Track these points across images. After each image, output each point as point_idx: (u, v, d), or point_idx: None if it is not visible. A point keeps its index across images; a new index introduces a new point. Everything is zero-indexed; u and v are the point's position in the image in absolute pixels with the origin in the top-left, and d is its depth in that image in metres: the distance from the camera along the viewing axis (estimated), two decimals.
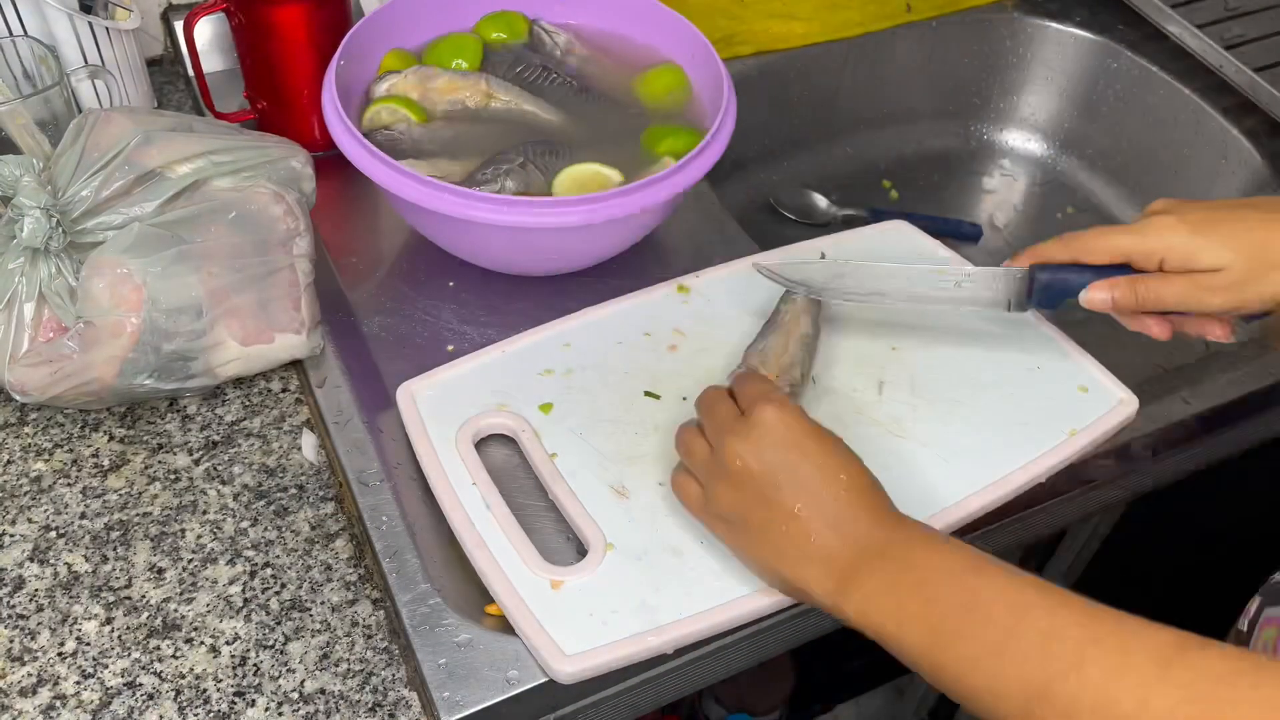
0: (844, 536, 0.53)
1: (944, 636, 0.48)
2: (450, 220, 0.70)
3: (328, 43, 0.79)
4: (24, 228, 0.63)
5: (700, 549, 0.61)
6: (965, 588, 0.49)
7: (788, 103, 1.07)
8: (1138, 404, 0.70)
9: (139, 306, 0.63)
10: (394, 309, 0.76)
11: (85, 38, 0.80)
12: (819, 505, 0.54)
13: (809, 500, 0.54)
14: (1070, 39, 1.10)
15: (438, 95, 0.80)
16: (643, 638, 0.57)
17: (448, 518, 0.62)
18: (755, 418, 0.56)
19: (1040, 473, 0.66)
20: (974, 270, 0.69)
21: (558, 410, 0.68)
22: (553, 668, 0.56)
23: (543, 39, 0.86)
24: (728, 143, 0.74)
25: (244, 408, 0.72)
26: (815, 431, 0.57)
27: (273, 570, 0.64)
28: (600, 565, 0.60)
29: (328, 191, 0.83)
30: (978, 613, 0.48)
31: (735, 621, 0.59)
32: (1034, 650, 0.46)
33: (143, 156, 0.65)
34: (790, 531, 0.54)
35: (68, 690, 0.58)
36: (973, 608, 0.48)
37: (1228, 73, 1.02)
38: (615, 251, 0.78)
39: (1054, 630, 0.46)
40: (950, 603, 0.49)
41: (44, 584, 0.62)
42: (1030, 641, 0.46)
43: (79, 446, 0.69)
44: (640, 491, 0.64)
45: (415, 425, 0.67)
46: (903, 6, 1.09)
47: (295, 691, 0.59)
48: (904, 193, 1.12)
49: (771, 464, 0.55)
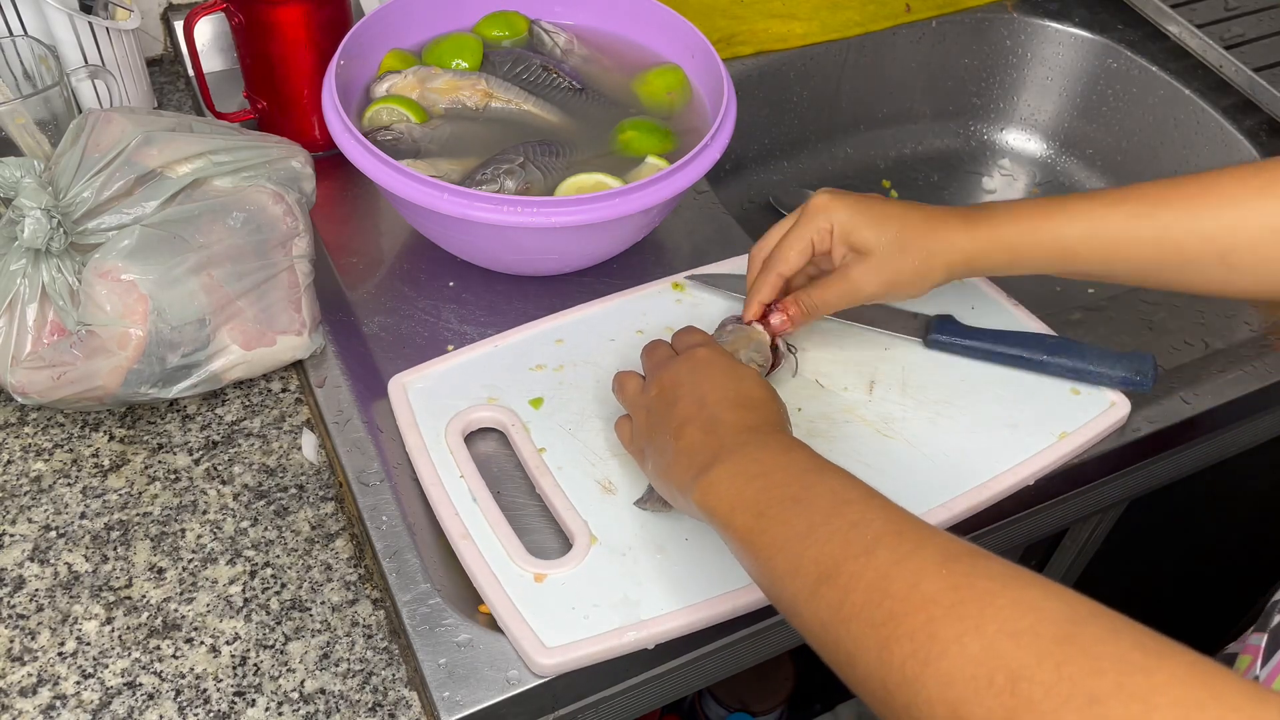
0: (711, 437, 0.56)
1: (765, 520, 0.50)
2: (450, 220, 0.70)
3: (328, 43, 0.79)
4: (25, 229, 0.63)
5: (684, 546, 0.61)
6: (800, 482, 0.51)
7: (788, 103, 1.07)
8: (1130, 407, 0.70)
9: (144, 318, 0.63)
10: (394, 309, 0.76)
11: (85, 38, 0.80)
12: (702, 414, 0.57)
13: (697, 410, 0.57)
14: (1070, 39, 1.10)
15: (437, 95, 0.80)
16: (623, 632, 0.58)
17: (434, 510, 0.63)
18: (685, 355, 0.61)
19: (1028, 475, 0.66)
20: None
21: (548, 405, 0.68)
22: (533, 660, 0.56)
23: (543, 39, 0.86)
24: (728, 143, 0.75)
25: (244, 408, 0.72)
26: (731, 364, 0.60)
27: (273, 570, 0.64)
28: (584, 559, 0.60)
29: (328, 191, 0.83)
30: (801, 503, 0.50)
31: (717, 618, 0.59)
32: (837, 535, 0.47)
33: (143, 157, 0.65)
34: (676, 438, 0.57)
35: (68, 690, 0.58)
36: (799, 498, 0.50)
37: (1228, 73, 1.02)
38: (615, 252, 0.78)
39: (861, 521, 0.47)
40: (781, 492, 0.51)
41: (44, 584, 0.62)
42: (835, 528, 0.47)
43: (79, 446, 0.69)
44: (627, 488, 0.64)
45: (405, 417, 0.67)
46: (903, 6, 1.09)
47: (295, 691, 0.59)
48: (904, 193, 1.12)
49: (679, 382, 0.59)
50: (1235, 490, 1.08)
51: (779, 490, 0.51)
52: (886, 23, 1.08)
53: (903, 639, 0.41)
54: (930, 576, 0.43)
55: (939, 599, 0.42)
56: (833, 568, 0.46)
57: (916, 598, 0.42)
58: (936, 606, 0.41)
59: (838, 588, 0.45)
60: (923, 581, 0.43)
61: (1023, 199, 0.66)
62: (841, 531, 0.47)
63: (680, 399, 0.58)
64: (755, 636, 0.64)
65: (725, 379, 0.59)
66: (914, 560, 0.44)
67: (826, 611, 0.45)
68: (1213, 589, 1.27)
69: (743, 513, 0.51)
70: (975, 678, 0.39)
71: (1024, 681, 0.38)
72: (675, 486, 0.56)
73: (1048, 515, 0.75)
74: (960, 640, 0.40)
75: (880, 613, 0.43)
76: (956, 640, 0.40)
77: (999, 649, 0.39)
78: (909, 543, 0.45)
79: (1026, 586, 0.41)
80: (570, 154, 0.77)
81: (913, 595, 0.42)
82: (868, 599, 0.44)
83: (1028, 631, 0.39)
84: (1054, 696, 0.37)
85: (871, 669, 0.43)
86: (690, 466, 0.55)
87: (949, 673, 0.40)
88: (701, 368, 0.60)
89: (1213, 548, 1.20)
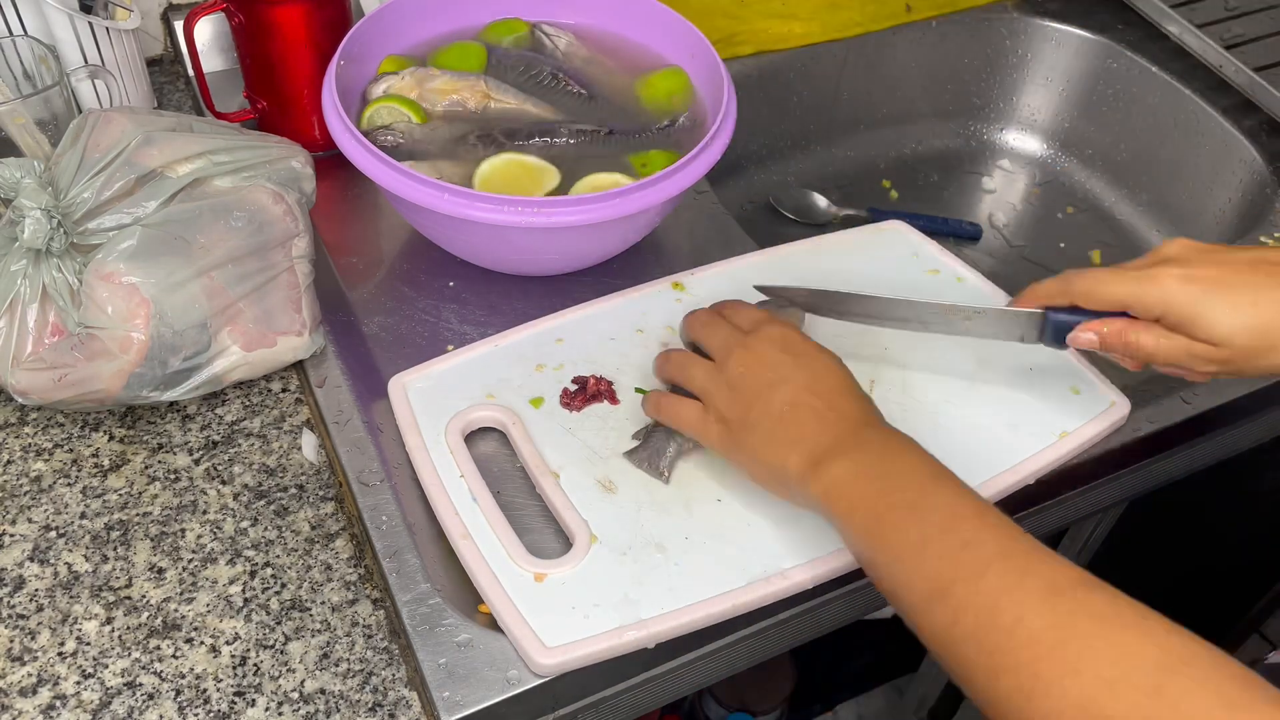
0: (827, 427, 0.56)
1: (884, 526, 0.51)
2: (450, 220, 0.70)
3: (328, 43, 0.79)
4: (25, 229, 0.63)
5: (684, 545, 0.61)
6: (918, 488, 0.52)
7: (788, 103, 1.07)
8: (1129, 406, 0.70)
9: (146, 322, 0.63)
10: (394, 309, 0.77)
11: (85, 38, 0.80)
12: (810, 400, 0.57)
13: (802, 396, 0.57)
14: (1070, 39, 1.10)
15: (436, 96, 0.80)
16: (623, 632, 0.57)
17: (434, 509, 0.63)
18: (761, 333, 0.61)
19: (1028, 475, 0.66)
20: (984, 309, 0.65)
21: (548, 404, 0.68)
22: (533, 659, 0.56)
23: (544, 42, 0.86)
24: (728, 143, 0.75)
25: (244, 408, 0.72)
26: (814, 345, 0.61)
27: (273, 570, 0.64)
28: (584, 559, 0.60)
29: (328, 191, 0.83)
30: (918, 511, 0.51)
31: (717, 617, 0.59)
32: (950, 553, 0.48)
33: (143, 157, 0.65)
34: (781, 421, 0.57)
35: (68, 690, 0.58)
36: (916, 506, 0.51)
37: (1228, 73, 1.02)
38: (615, 251, 0.78)
39: (974, 540, 0.48)
40: (899, 498, 0.52)
41: (44, 584, 0.62)
42: (949, 545, 0.49)
43: (79, 446, 0.69)
44: (627, 487, 0.64)
45: (406, 417, 0.67)
46: (903, 6, 1.09)
47: (295, 691, 0.59)
48: (904, 193, 1.12)
49: (773, 364, 0.59)
50: (1235, 490, 1.08)
51: (897, 495, 0.52)
52: (886, 23, 1.08)
53: (1009, 672, 0.44)
54: (1034, 612, 0.45)
55: (1042, 639, 0.44)
56: (945, 587, 0.48)
57: (1022, 633, 0.44)
58: (1040, 646, 0.44)
59: (949, 609, 0.47)
60: (1028, 616, 0.45)
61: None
62: (953, 551, 0.48)
63: (779, 381, 0.58)
64: (755, 636, 0.64)
65: (822, 365, 0.59)
66: (1020, 591, 0.46)
67: (939, 628, 0.48)
68: (1213, 589, 1.27)
69: (862, 514, 0.52)
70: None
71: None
72: (779, 470, 0.57)
73: (1048, 515, 0.75)
74: (1061, 683, 0.42)
75: (989, 643, 0.45)
76: (1058, 683, 0.42)
77: (1094, 696, 0.42)
78: (1016, 571, 0.47)
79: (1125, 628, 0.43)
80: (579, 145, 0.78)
81: (1018, 630, 0.45)
82: (977, 625, 0.46)
83: (1122, 680, 0.42)
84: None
85: (982, 691, 0.46)
86: (805, 457, 0.56)
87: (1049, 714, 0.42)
88: (795, 349, 0.60)
89: (1213, 548, 1.20)
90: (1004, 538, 0.49)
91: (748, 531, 0.62)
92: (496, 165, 0.76)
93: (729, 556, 0.61)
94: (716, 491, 0.64)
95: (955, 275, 0.78)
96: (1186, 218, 1.06)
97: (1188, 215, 1.05)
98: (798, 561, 0.61)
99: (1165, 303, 0.57)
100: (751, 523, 0.62)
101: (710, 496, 0.64)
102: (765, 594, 0.60)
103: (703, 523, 0.62)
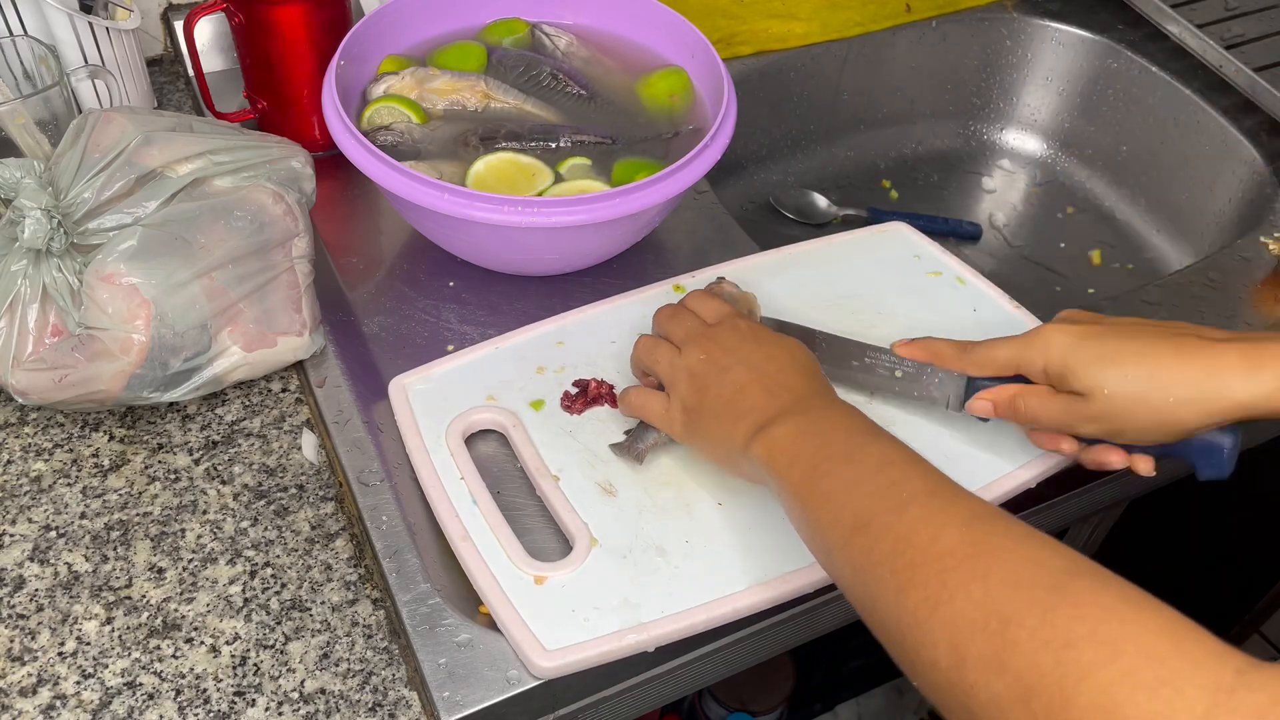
0: (774, 399, 0.58)
1: (817, 474, 0.53)
2: (450, 220, 0.70)
3: (328, 43, 0.79)
4: (25, 229, 0.63)
5: (685, 548, 0.61)
6: (855, 443, 0.54)
7: (788, 103, 1.07)
8: None
9: (147, 324, 0.63)
10: (394, 309, 0.77)
11: (85, 38, 0.80)
12: (760, 380, 0.59)
13: (754, 376, 0.59)
14: (1070, 39, 1.10)
15: (436, 96, 0.80)
16: (623, 635, 0.57)
17: (434, 511, 0.63)
18: (724, 324, 0.63)
19: (1030, 479, 0.66)
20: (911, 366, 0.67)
21: (549, 407, 0.68)
22: (533, 662, 0.56)
23: (544, 42, 0.86)
24: (728, 143, 0.75)
25: (244, 408, 0.72)
26: (774, 335, 0.63)
27: (273, 570, 0.64)
28: (584, 562, 0.60)
29: (328, 191, 0.83)
30: (851, 461, 0.52)
31: (717, 621, 0.59)
32: (877, 491, 0.50)
33: (143, 157, 0.65)
34: (732, 401, 0.59)
35: (68, 690, 0.58)
36: (850, 456, 0.53)
37: (1228, 73, 1.02)
38: (615, 252, 0.78)
39: (901, 480, 0.50)
40: (834, 450, 0.53)
41: (44, 584, 0.62)
42: (877, 484, 0.50)
43: (79, 446, 0.69)
44: (628, 490, 0.64)
45: (406, 419, 0.67)
46: (903, 6, 1.09)
47: (295, 691, 0.59)
48: (904, 193, 1.12)
49: (731, 349, 0.61)
50: (1235, 490, 1.08)
51: (834, 449, 0.53)
52: (886, 23, 1.08)
53: (918, 585, 0.45)
54: (952, 532, 0.46)
55: (955, 552, 0.45)
56: (867, 519, 0.49)
57: (935, 550, 0.45)
58: (952, 558, 0.45)
59: (869, 536, 0.48)
60: (944, 536, 0.46)
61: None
62: (881, 488, 0.50)
63: (734, 365, 0.60)
64: (755, 637, 0.64)
65: (777, 349, 0.61)
66: (941, 517, 0.47)
67: (858, 557, 0.48)
68: (1213, 589, 1.27)
69: (799, 465, 0.54)
70: (974, 621, 0.42)
71: (1013, 625, 0.41)
72: (728, 443, 0.58)
73: (1048, 515, 0.75)
74: (966, 588, 0.43)
75: (902, 561, 0.46)
76: (963, 587, 0.43)
77: (998, 596, 0.42)
78: (940, 501, 0.48)
79: (1039, 546, 0.44)
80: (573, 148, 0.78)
81: (932, 547, 0.45)
82: (893, 549, 0.47)
83: (1026, 582, 0.42)
84: (1036, 639, 0.40)
85: (889, 611, 0.46)
86: (751, 425, 0.57)
87: (953, 616, 0.43)
88: (751, 337, 0.62)
89: (1213, 548, 1.20)
90: (931, 479, 0.50)
91: (748, 535, 0.62)
92: (490, 163, 0.76)
93: (730, 560, 0.61)
94: (717, 495, 0.64)
95: (956, 277, 0.78)
96: (1186, 218, 1.06)
97: (1188, 215, 1.05)
98: (798, 565, 0.60)
99: (1046, 354, 0.59)
100: (752, 526, 0.62)
101: (711, 500, 0.64)
102: (766, 598, 0.60)
103: (703, 526, 0.62)
